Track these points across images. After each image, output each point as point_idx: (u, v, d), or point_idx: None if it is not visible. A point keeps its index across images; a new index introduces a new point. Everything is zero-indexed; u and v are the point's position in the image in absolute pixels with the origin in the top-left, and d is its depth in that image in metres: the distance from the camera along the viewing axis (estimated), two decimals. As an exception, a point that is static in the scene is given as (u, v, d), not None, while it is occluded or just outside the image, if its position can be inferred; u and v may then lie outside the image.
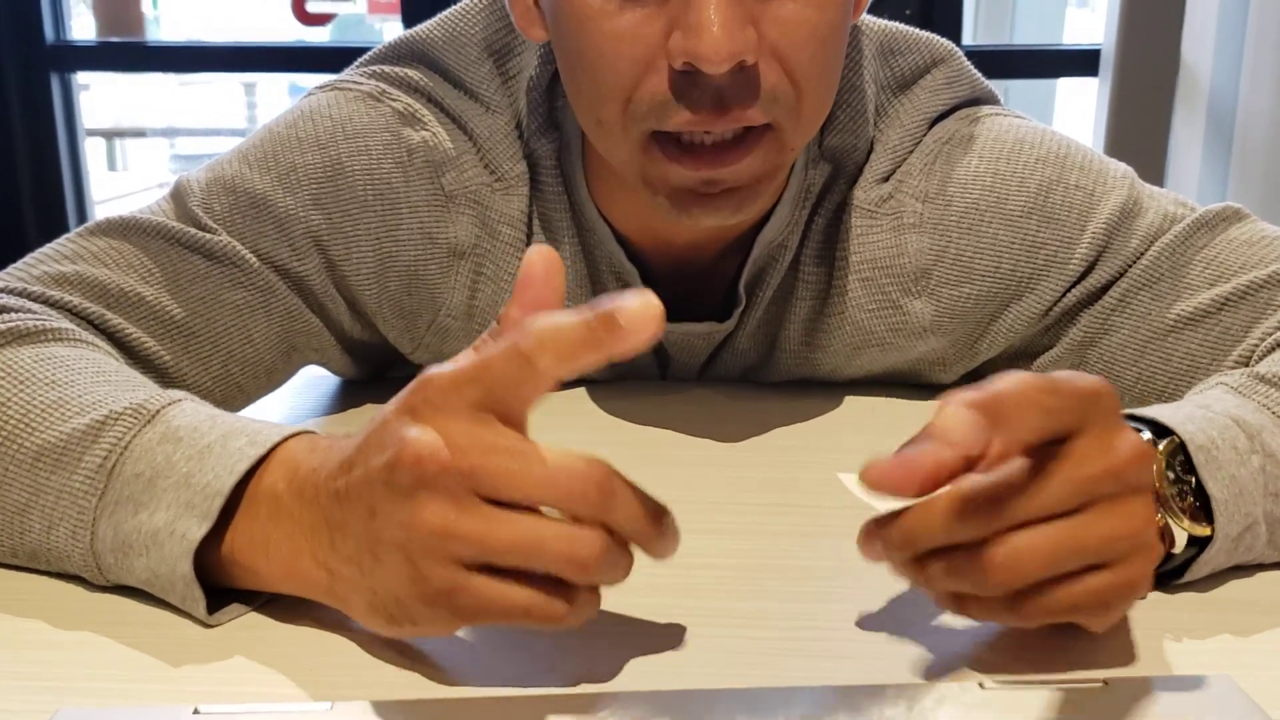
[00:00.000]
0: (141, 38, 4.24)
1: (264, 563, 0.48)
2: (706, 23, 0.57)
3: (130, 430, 0.52)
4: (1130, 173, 0.75)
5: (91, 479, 0.51)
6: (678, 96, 0.60)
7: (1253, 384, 0.59)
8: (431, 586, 0.43)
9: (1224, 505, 0.51)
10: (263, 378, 0.73)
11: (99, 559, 0.51)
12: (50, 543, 0.52)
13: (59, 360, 0.57)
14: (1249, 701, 0.43)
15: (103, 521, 0.50)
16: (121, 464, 0.51)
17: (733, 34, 0.57)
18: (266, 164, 0.70)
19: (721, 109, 0.60)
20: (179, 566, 0.48)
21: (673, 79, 0.60)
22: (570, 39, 0.62)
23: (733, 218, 0.65)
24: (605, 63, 0.61)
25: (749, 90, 0.60)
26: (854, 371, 0.80)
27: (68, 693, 0.45)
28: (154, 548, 0.49)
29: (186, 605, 0.49)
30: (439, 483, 0.42)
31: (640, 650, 0.48)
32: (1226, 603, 0.53)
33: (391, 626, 0.45)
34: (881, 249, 0.75)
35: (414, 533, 0.43)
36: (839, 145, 0.74)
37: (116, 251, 0.67)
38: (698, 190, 0.63)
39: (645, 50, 0.60)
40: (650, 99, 0.61)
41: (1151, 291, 0.72)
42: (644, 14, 0.59)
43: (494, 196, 0.74)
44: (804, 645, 0.49)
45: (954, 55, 0.77)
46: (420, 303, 0.74)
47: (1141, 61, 1.79)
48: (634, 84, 0.61)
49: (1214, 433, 0.53)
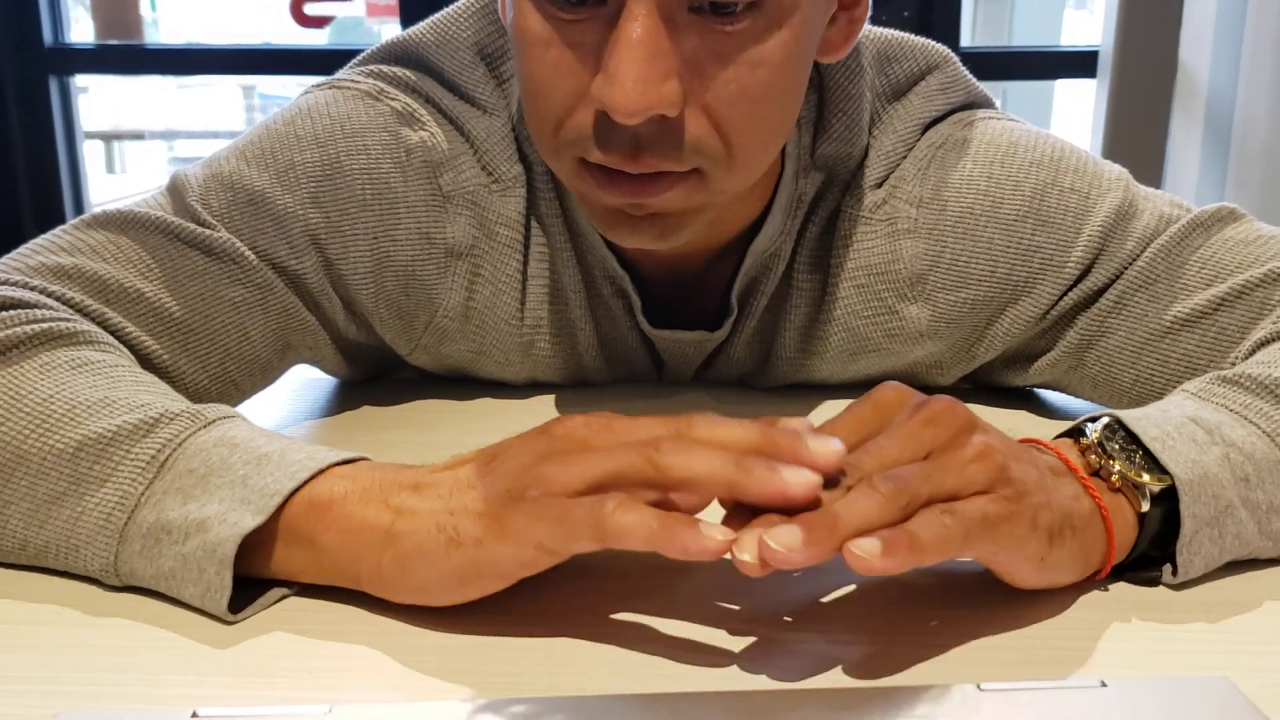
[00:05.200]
0: (140, 41, 4.24)
1: (319, 532, 0.50)
2: (622, 75, 0.57)
3: (187, 429, 0.53)
4: (1125, 175, 0.75)
5: (142, 469, 0.52)
6: (597, 135, 0.60)
7: (1212, 387, 0.60)
8: (535, 471, 0.47)
9: (1188, 485, 0.52)
10: (258, 375, 0.73)
11: (123, 546, 0.51)
12: (74, 531, 0.52)
13: (96, 364, 0.58)
14: (1246, 703, 0.43)
15: (145, 509, 0.51)
16: (175, 459, 0.52)
17: (645, 90, 0.57)
18: (265, 161, 0.70)
19: (636, 154, 0.60)
20: (220, 550, 0.48)
21: (596, 116, 0.60)
22: (519, 60, 0.63)
23: (656, 243, 0.65)
24: (542, 92, 0.62)
25: (669, 140, 0.60)
26: (850, 377, 0.80)
27: (66, 696, 0.45)
28: (196, 533, 0.49)
29: (208, 597, 0.49)
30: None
31: (637, 652, 0.48)
32: (1223, 603, 0.53)
33: (451, 548, 0.47)
34: (876, 255, 0.75)
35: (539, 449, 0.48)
36: (832, 154, 0.74)
37: (115, 245, 0.67)
38: (625, 211, 0.64)
39: (576, 84, 0.60)
40: (577, 130, 0.61)
41: (1148, 293, 0.72)
42: (579, 51, 0.60)
43: (491, 197, 0.74)
44: (800, 647, 0.49)
45: (949, 61, 0.77)
46: (417, 303, 0.74)
47: (1139, 63, 1.79)
48: (565, 114, 0.61)
49: (1169, 428, 0.54)
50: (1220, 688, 0.45)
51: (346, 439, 0.74)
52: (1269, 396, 0.58)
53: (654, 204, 0.63)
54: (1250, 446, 0.55)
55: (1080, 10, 4.28)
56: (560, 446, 0.48)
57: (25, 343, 0.58)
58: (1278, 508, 0.54)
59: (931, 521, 0.46)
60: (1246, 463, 0.54)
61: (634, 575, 0.54)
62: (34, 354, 0.58)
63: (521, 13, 0.61)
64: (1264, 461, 0.55)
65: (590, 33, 0.59)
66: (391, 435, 0.75)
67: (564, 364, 0.79)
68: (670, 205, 0.63)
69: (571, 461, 0.47)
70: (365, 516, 0.49)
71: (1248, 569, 0.55)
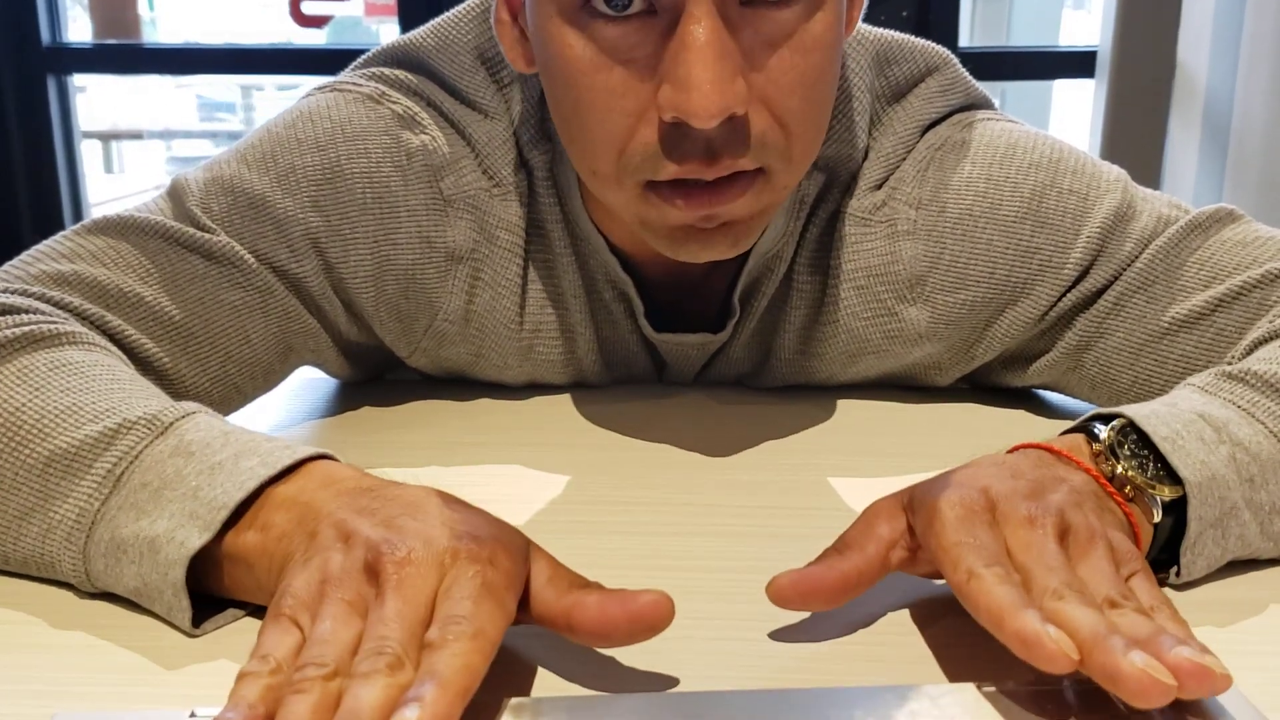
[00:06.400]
0: (138, 40, 4.24)
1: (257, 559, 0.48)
2: (696, 79, 0.56)
3: (142, 440, 0.52)
4: (1124, 176, 0.75)
5: (99, 485, 0.51)
6: (667, 148, 0.59)
7: (1219, 382, 0.59)
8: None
9: (1197, 488, 0.52)
10: (260, 378, 0.73)
11: (89, 563, 0.51)
12: (45, 548, 0.52)
13: (73, 366, 0.57)
14: (1246, 704, 0.43)
15: (101, 525, 0.50)
16: (130, 473, 0.51)
17: (723, 90, 0.56)
18: (265, 165, 0.70)
19: (712, 159, 0.59)
20: (171, 573, 0.48)
21: (663, 130, 0.59)
22: (561, 91, 0.62)
23: (729, 252, 0.64)
24: (597, 117, 0.60)
25: (739, 140, 0.59)
26: (850, 378, 0.80)
27: (63, 697, 0.45)
28: (149, 554, 0.49)
29: (172, 615, 0.49)
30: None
31: (636, 654, 0.48)
32: (1224, 604, 0.53)
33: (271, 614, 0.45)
34: (876, 256, 0.75)
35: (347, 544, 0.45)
36: (832, 155, 0.74)
37: (115, 250, 0.67)
38: (696, 226, 0.63)
39: (636, 104, 0.59)
40: (643, 150, 0.60)
41: (1146, 294, 0.72)
42: (635, 68, 0.59)
43: (492, 202, 0.74)
44: (800, 647, 0.49)
45: (949, 63, 0.77)
46: (417, 306, 0.74)
47: (1137, 63, 1.79)
48: (627, 136, 0.60)
49: (1178, 426, 0.54)
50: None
51: (346, 439, 0.74)
52: (1274, 394, 0.58)
53: (725, 212, 0.62)
54: (1256, 446, 0.55)
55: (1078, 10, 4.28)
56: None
57: (5, 347, 0.57)
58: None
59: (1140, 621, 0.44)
60: (1252, 463, 0.54)
61: (634, 575, 0.54)
62: (12, 359, 0.57)
63: (562, 41, 0.59)
64: (1269, 462, 0.55)
65: (643, 46, 0.58)
66: (391, 435, 0.75)
67: (564, 367, 0.80)
68: (741, 211, 0.62)
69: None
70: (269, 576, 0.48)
71: (1249, 569, 0.55)
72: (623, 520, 0.61)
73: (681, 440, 0.73)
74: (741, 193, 0.61)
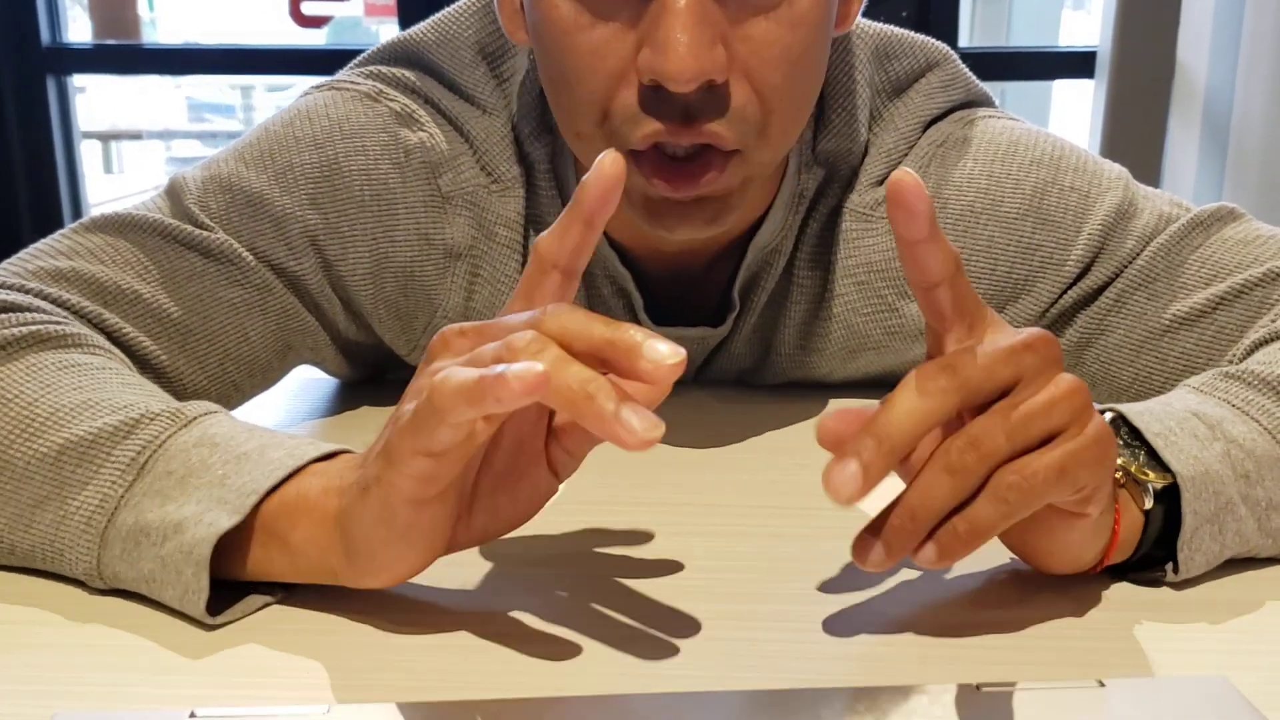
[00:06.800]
0: (138, 40, 4.24)
1: (290, 530, 0.49)
2: (673, 42, 0.57)
3: (167, 430, 0.52)
4: (1125, 174, 0.75)
5: (122, 471, 0.51)
6: (646, 109, 0.60)
7: (1215, 382, 0.60)
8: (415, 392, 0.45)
9: (1190, 481, 0.52)
10: (258, 376, 0.73)
11: (105, 550, 0.51)
12: (58, 536, 0.52)
13: (82, 367, 0.58)
14: (1245, 703, 0.43)
15: (124, 511, 0.50)
16: (154, 460, 0.51)
17: (699, 54, 0.57)
18: (263, 163, 0.70)
19: (688, 122, 0.60)
20: (196, 551, 0.48)
21: (642, 92, 0.60)
22: (548, 53, 0.63)
23: (706, 229, 0.65)
24: (579, 76, 0.61)
25: (716, 106, 0.60)
26: (849, 374, 0.80)
27: (63, 696, 0.45)
28: (174, 535, 0.49)
29: (186, 599, 0.49)
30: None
31: (636, 653, 0.48)
32: (1222, 603, 0.53)
33: (364, 497, 0.46)
34: (876, 252, 0.75)
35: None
36: (832, 150, 0.75)
37: (113, 248, 0.67)
38: (672, 198, 0.64)
39: (617, 64, 0.60)
40: (623, 112, 0.61)
41: (1147, 292, 0.72)
42: (616, 29, 0.60)
43: (490, 198, 0.74)
44: (800, 647, 0.49)
45: (949, 59, 0.77)
46: (416, 304, 0.74)
47: (1137, 63, 1.79)
48: (608, 97, 0.61)
49: (1171, 423, 0.54)
50: (1219, 688, 0.45)
51: (346, 439, 0.74)
52: (1270, 393, 0.58)
53: (701, 187, 0.63)
54: (1251, 443, 0.55)
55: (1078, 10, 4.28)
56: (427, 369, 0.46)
57: (12, 345, 0.58)
58: (1277, 505, 0.54)
59: (996, 502, 0.44)
60: (1247, 459, 0.54)
61: (633, 575, 0.54)
62: (21, 356, 0.57)
63: (549, 4, 0.61)
64: (1265, 458, 0.55)
65: (625, 8, 0.59)
66: (390, 435, 0.75)
67: (563, 364, 0.79)
68: (717, 187, 0.63)
69: (427, 373, 0.46)
70: (327, 507, 0.49)
71: (1247, 568, 0.55)
72: (623, 520, 0.61)
73: (681, 440, 0.73)
74: (720, 171, 0.62)
